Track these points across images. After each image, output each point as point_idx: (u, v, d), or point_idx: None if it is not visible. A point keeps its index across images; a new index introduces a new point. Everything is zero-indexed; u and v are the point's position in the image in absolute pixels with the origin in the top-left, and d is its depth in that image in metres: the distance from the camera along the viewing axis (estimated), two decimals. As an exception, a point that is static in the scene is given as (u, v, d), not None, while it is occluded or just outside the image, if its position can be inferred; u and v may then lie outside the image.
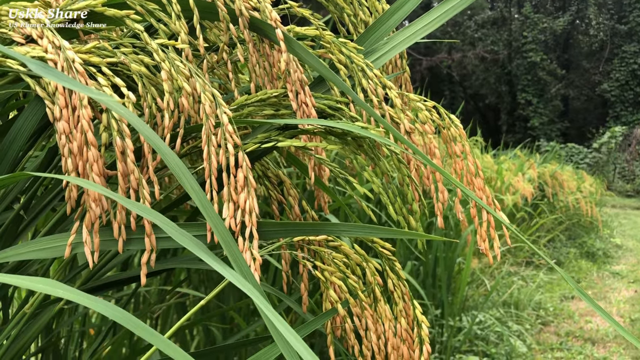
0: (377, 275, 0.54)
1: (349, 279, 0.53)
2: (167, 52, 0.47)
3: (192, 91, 0.46)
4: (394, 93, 0.51)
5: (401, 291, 0.54)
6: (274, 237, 0.47)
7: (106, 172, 0.47)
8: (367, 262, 0.53)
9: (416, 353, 0.54)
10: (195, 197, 0.37)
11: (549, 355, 2.70)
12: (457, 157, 0.52)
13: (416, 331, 0.55)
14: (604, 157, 11.61)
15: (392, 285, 0.54)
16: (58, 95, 0.47)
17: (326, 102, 0.51)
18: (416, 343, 0.54)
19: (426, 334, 0.54)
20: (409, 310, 0.55)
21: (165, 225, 0.36)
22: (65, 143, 0.46)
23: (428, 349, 0.54)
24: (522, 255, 4.29)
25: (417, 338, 0.55)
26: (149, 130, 0.36)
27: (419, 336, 0.54)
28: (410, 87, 0.66)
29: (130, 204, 0.37)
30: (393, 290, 0.54)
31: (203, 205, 0.37)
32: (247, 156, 0.45)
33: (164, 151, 0.37)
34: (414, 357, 0.54)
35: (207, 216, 0.37)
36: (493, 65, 16.34)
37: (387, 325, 0.54)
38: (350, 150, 0.48)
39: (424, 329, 0.54)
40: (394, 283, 0.54)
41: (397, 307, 0.54)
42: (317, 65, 0.46)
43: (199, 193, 0.37)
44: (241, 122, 0.47)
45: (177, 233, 0.37)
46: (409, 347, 0.54)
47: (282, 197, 0.56)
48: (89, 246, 0.43)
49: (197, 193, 0.37)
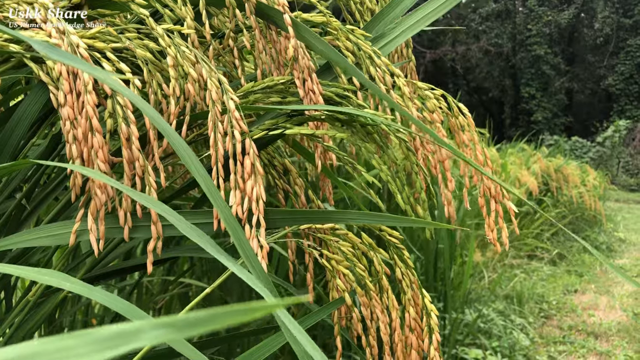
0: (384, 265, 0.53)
1: (356, 267, 0.52)
2: (172, 37, 0.46)
3: (198, 77, 0.45)
4: (401, 81, 0.50)
5: (409, 280, 0.54)
6: (281, 225, 0.46)
7: (111, 159, 0.47)
8: (375, 250, 0.52)
9: (425, 342, 0.53)
10: (202, 183, 0.36)
11: (552, 348, 2.70)
12: (465, 147, 0.52)
13: (425, 320, 0.54)
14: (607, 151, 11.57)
15: (400, 273, 0.54)
16: (62, 80, 0.46)
17: (333, 90, 0.50)
18: (425, 332, 0.54)
19: (435, 322, 0.53)
20: (418, 299, 0.54)
21: (169, 216, 0.36)
22: (69, 129, 0.45)
23: (438, 337, 0.53)
24: (525, 248, 4.28)
25: (427, 327, 0.54)
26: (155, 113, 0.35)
27: (428, 325, 0.53)
28: (416, 76, 0.65)
29: (133, 194, 0.37)
30: (401, 279, 0.53)
31: (210, 192, 0.37)
32: (254, 144, 0.44)
33: (171, 135, 0.36)
34: (422, 346, 0.54)
35: (215, 203, 0.37)
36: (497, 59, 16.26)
37: (394, 314, 0.53)
38: (358, 137, 0.48)
39: (433, 318, 0.53)
40: (402, 271, 0.53)
41: (406, 295, 0.53)
42: (326, 50, 0.46)
43: (206, 179, 0.37)
44: (248, 108, 0.46)
45: (182, 223, 0.36)
46: (418, 337, 0.54)
47: (288, 186, 0.55)
48: (94, 234, 0.42)
49: (204, 179, 0.37)
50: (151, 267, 0.42)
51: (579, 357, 2.63)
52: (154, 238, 0.42)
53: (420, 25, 0.56)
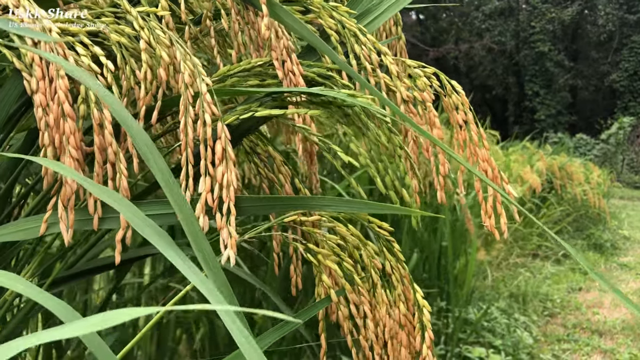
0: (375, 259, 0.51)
1: (345, 262, 0.49)
2: (148, 20, 0.45)
3: (171, 61, 0.43)
4: (389, 59, 0.48)
5: (400, 274, 0.51)
6: (254, 212, 0.44)
7: (84, 149, 0.45)
8: (363, 243, 0.50)
9: (417, 340, 0.50)
10: (157, 173, 0.35)
11: (556, 347, 2.68)
12: (459, 127, 0.49)
13: (417, 316, 0.50)
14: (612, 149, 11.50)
15: (389, 267, 0.51)
16: (35, 66, 0.45)
17: (316, 70, 0.48)
18: (417, 329, 0.50)
19: (428, 319, 0.50)
20: (409, 294, 0.51)
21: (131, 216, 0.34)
22: (42, 116, 0.43)
23: (430, 335, 0.49)
24: (529, 247, 4.25)
25: (418, 324, 0.50)
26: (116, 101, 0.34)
27: (420, 322, 0.50)
28: (406, 55, 0.63)
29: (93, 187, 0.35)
30: (391, 273, 0.51)
31: (166, 182, 0.35)
32: (232, 130, 0.42)
33: (130, 125, 0.34)
34: (414, 344, 0.50)
35: (169, 194, 0.35)
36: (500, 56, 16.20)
37: (383, 310, 0.50)
38: (335, 120, 0.46)
39: (425, 314, 0.50)
40: (392, 265, 0.50)
41: (396, 291, 0.50)
42: (301, 30, 0.44)
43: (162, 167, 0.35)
44: (221, 91, 0.44)
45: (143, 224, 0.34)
46: (409, 334, 0.50)
47: (272, 175, 0.53)
48: (64, 222, 0.41)
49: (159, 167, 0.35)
50: (119, 258, 0.40)
51: (583, 355, 2.61)
52: (123, 227, 0.40)
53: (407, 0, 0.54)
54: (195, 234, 0.34)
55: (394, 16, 0.60)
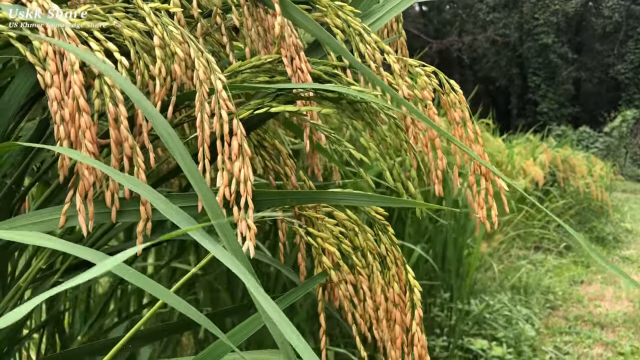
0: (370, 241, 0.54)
1: (343, 244, 0.53)
2: (160, 16, 0.45)
3: (185, 57, 0.44)
4: (392, 58, 0.49)
5: (394, 256, 0.55)
6: (269, 205, 0.46)
7: (99, 141, 0.46)
8: (360, 227, 0.53)
9: (408, 317, 0.55)
10: (182, 163, 0.36)
11: (558, 339, 2.69)
12: (456, 124, 0.52)
13: (408, 295, 0.55)
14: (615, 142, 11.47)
15: (384, 250, 0.54)
16: (49, 60, 0.45)
17: (322, 68, 0.49)
18: (408, 307, 0.55)
19: (418, 298, 0.55)
20: (402, 275, 0.55)
21: (154, 199, 0.35)
22: (57, 110, 0.44)
23: (420, 313, 0.54)
24: (531, 239, 4.26)
25: (410, 302, 0.55)
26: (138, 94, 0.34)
27: (411, 300, 0.55)
28: (406, 52, 0.64)
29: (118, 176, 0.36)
30: (386, 255, 0.54)
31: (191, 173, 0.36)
32: (242, 124, 0.43)
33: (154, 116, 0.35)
34: (405, 321, 0.55)
35: (195, 184, 0.36)
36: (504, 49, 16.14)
37: (379, 290, 0.54)
38: (346, 115, 0.47)
39: (416, 294, 0.55)
40: (387, 248, 0.54)
41: (390, 272, 0.54)
42: (313, 28, 0.44)
43: (186, 158, 0.36)
44: (234, 86, 0.45)
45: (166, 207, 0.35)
46: (402, 312, 0.55)
47: (278, 167, 0.55)
48: (83, 214, 0.42)
49: (184, 158, 0.36)
50: (140, 250, 0.41)
51: (585, 347, 2.62)
52: (143, 219, 0.41)
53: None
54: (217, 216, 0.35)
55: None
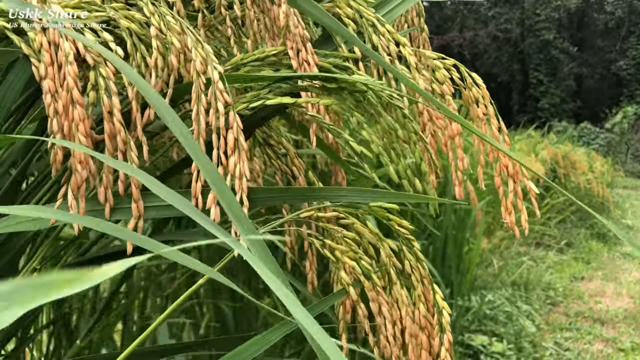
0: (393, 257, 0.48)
1: (362, 260, 0.47)
2: (158, 6, 0.44)
3: (183, 48, 0.42)
4: (408, 50, 0.47)
5: (420, 274, 0.49)
6: (266, 203, 0.44)
7: (94, 137, 0.44)
8: (382, 241, 0.48)
9: (436, 341, 0.48)
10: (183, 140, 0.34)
11: (558, 335, 2.68)
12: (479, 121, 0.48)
13: (436, 318, 0.49)
14: (616, 138, 11.44)
15: (409, 267, 0.49)
16: (43, 52, 0.44)
17: (332, 60, 0.47)
18: (436, 331, 0.48)
19: (447, 321, 0.48)
20: (429, 295, 0.49)
21: (154, 187, 0.33)
22: (50, 102, 0.43)
23: (449, 337, 0.48)
24: (531, 235, 4.25)
25: (438, 325, 0.49)
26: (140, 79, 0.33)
27: (440, 323, 0.48)
28: (429, 48, 0.61)
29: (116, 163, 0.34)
30: (411, 273, 0.49)
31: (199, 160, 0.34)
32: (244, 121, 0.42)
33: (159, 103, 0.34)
34: (433, 345, 0.49)
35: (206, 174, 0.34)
36: (505, 44, 16.08)
37: (403, 311, 0.48)
38: (347, 107, 0.45)
39: (445, 316, 0.48)
40: (412, 265, 0.49)
41: (416, 291, 0.48)
42: (322, 16, 0.43)
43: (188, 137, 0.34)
44: (231, 77, 0.44)
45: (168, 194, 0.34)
46: (429, 335, 0.49)
47: (286, 167, 0.53)
48: (75, 211, 0.40)
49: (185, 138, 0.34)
50: (130, 248, 0.40)
51: (585, 343, 2.62)
52: (135, 216, 0.40)
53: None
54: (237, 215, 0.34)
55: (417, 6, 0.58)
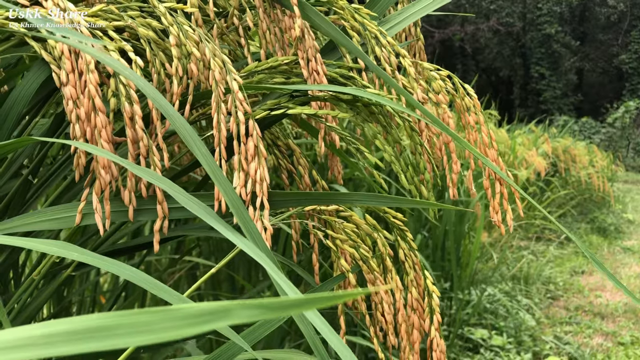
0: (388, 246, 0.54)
1: (360, 248, 0.53)
2: (175, 16, 0.46)
3: (201, 57, 0.44)
4: (407, 61, 0.49)
5: (412, 261, 0.55)
6: (284, 206, 0.47)
7: (115, 139, 0.46)
8: (378, 232, 0.53)
9: (426, 322, 0.55)
10: (204, 162, 0.36)
11: (558, 329, 2.71)
12: (470, 128, 0.52)
13: (427, 301, 0.55)
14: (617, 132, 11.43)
15: (403, 255, 0.55)
16: (64, 59, 0.46)
17: (338, 71, 0.50)
18: (426, 312, 0.55)
19: (437, 303, 0.55)
20: (420, 280, 0.55)
21: (175, 193, 0.36)
22: (72, 109, 0.45)
23: (438, 318, 0.55)
24: (532, 230, 4.27)
25: (428, 308, 0.55)
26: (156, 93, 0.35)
27: (430, 306, 0.55)
28: (424, 56, 0.64)
29: (140, 171, 0.36)
30: (404, 261, 0.54)
31: (212, 171, 0.36)
32: (257, 124, 0.44)
33: (172, 115, 0.36)
34: (424, 326, 0.55)
35: (217, 182, 0.36)
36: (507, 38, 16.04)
37: (397, 295, 0.54)
38: (361, 118, 0.47)
39: (434, 299, 0.55)
40: (405, 253, 0.55)
41: (408, 277, 0.54)
42: (331, 30, 0.45)
43: (208, 158, 0.37)
44: (250, 87, 0.46)
45: (188, 200, 0.36)
46: (420, 317, 0.55)
47: (292, 166, 0.55)
48: (99, 214, 0.42)
49: (206, 157, 0.36)
50: (157, 246, 0.42)
51: (585, 337, 2.64)
52: (160, 217, 0.42)
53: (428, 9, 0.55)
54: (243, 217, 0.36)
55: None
